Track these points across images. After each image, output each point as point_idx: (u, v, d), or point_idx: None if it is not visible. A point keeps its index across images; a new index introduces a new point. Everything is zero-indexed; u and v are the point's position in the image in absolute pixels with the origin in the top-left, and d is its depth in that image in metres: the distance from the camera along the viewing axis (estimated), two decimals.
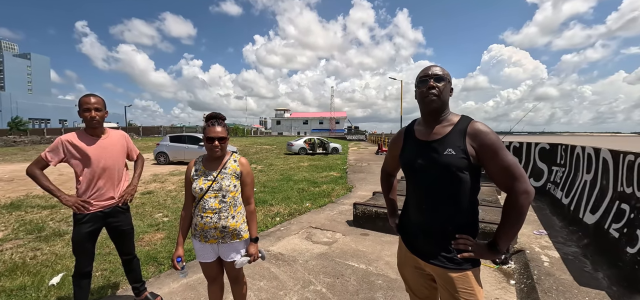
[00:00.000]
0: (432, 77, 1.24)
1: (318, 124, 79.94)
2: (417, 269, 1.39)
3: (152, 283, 2.81)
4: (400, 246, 1.50)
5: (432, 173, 1.24)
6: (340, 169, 11.60)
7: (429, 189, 1.26)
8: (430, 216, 1.27)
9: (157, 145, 13.74)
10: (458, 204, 1.23)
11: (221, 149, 1.74)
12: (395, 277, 2.90)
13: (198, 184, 1.75)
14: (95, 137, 2.07)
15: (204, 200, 1.74)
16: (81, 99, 1.99)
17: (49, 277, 2.94)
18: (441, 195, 1.24)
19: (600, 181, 3.95)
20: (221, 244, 1.80)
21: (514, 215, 1.17)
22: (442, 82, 1.24)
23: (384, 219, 4.20)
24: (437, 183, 1.23)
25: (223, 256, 1.85)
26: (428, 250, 1.29)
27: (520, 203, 1.14)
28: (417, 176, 1.30)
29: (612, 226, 3.27)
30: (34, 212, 5.40)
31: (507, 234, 1.20)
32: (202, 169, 1.80)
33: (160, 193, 7.08)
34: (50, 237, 4.09)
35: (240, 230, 1.82)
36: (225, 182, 1.75)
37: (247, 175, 1.85)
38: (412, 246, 1.38)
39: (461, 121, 1.25)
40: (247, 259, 1.83)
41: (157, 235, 4.17)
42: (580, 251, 3.44)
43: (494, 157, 1.16)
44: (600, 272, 2.95)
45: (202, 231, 1.77)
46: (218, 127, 1.73)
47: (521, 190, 1.14)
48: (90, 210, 2.04)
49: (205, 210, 1.74)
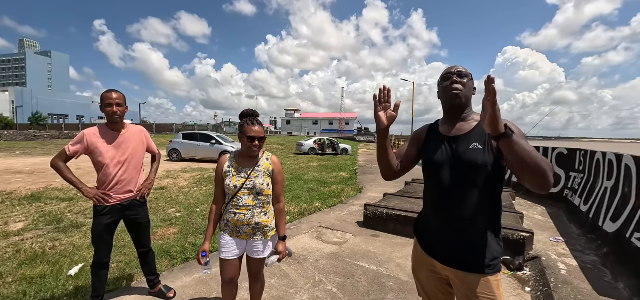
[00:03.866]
0: (455, 73, 1.24)
1: (328, 124, 79.90)
2: (433, 273, 1.34)
3: (165, 277, 2.87)
4: (415, 249, 1.45)
5: (458, 168, 1.20)
6: (350, 170, 11.56)
7: (452, 186, 1.21)
8: (452, 216, 1.22)
9: (170, 143, 14.02)
10: (482, 203, 1.18)
11: (259, 149, 1.76)
12: (407, 280, 2.87)
13: (232, 181, 1.75)
14: (115, 132, 2.13)
15: (237, 197, 1.75)
16: (103, 94, 2.05)
17: (67, 267, 3.04)
18: (465, 192, 1.19)
19: (622, 188, 3.81)
20: (252, 240, 1.81)
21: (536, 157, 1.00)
22: (465, 78, 1.24)
23: (395, 221, 4.16)
24: (462, 179, 1.19)
25: (251, 253, 1.85)
26: (448, 253, 1.24)
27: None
28: (441, 172, 1.24)
29: (634, 235, 3.14)
30: (54, 204, 5.58)
31: (524, 146, 1.00)
32: (235, 166, 1.79)
33: (173, 189, 7.21)
34: (69, 228, 4.23)
35: (271, 227, 1.83)
36: (258, 180, 1.76)
37: (279, 173, 1.85)
38: (430, 248, 1.32)
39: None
40: (277, 257, 1.84)
41: (171, 230, 4.25)
42: (600, 260, 3.33)
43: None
44: (621, 282, 2.84)
45: (235, 227, 1.79)
46: (256, 127, 1.73)
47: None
48: (110, 202, 2.10)
49: (239, 207, 1.75)
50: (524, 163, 1.00)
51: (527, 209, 5.43)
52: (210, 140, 13.62)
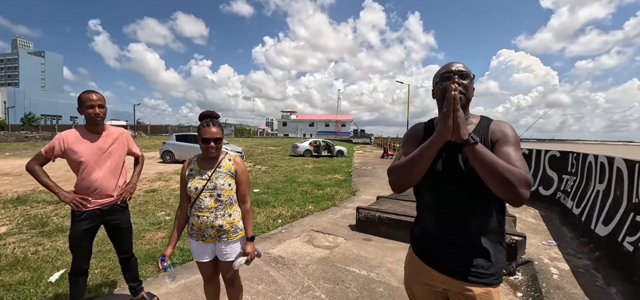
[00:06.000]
0: (456, 73, 1.14)
1: (324, 126, 79.94)
2: (428, 285, 1.26)
3: (150, 283, 2.78)
4: (411, 260, 1.34)
5: (460, 174, 1.12)
6: (344, 172, 11.51)
7: (455, 192, 1.14)
8: (455, 224, 1.15)
9: (163, 144, 13.87)
10: (484, 209, 1.13)
11: (216, 149, 1.73)
12: (397, 285, 2.82)
13: (193, 183, 1.75)
14: (95, 134, 2.05)
15: (199, 199, 1.74)
16: (82, 95, 1.97)
17: (48, 273, 2.94)
18: (467, 198, 1.12)
19: (613, 191, 3.80)
20: (218, 243, 1.79)
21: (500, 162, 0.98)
22: (467, 79, 1.15)
23: (387, 225, 4.12)
24: (465, 185, 1.12)
25: (219, 255, 1.83)
26: (451, 264, 1.17)
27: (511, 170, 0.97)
28: (442, 178, 1.16)
29: (626, 239, 3.12)
30: (39, 207, 5.45)
31: (490, 156, 0.98)
32: (196, 168, 1.79)
33: (164, 191, 7.10)
34: (53, 232, 4.11)
35: (237, 229, 1.81)
36: (219, 181, 1.74)
37: (242, 173, 1.83)
38: (430, 259, 1.24)
39: (483, 120, 1.20)
40: (244, 258, 1.81)
41: (159, 234, 4.15)
42: (592, 264, 3.30)
43: (503, 143, 1.08)
44: (613, 287, 2.82)
45: (199, 230, 1.77)
46: (213, 128, 1.71)
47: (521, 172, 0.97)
48: (89, 207, 2.02)
49: (201, 209, 1.74)
50: (488, 173, 0.98)
51: (520, 211, 5.41)
52: None
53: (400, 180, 1.16)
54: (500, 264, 1.16)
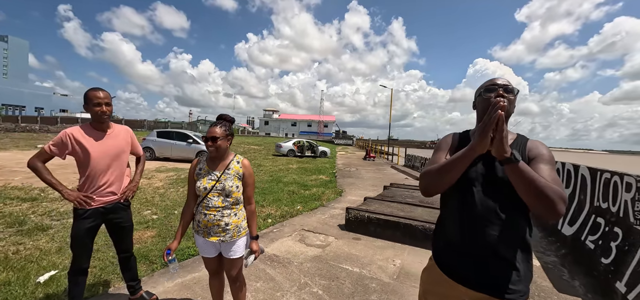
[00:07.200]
0: (501, 86, 1.15)
1: (306, 126, 79.93)
2: (448, 299, 1.24)
3: (145, 282, 2.77)
4: (431, 272, 1.31)
5: (495, 187, 1.12)
6: (329, 173, 11.68)
7: (488, 205, 1.12)
8: (484, 233, 1.12)
9: (143, 140, 13.39)
10: (518, 225, 1.12)
11: (215, 149, 1.80)
12: (389, 281, 2.99)
13: (202, 183, 1.82)
14: (101, 132, 2.05)
15: (207, 198, 1.81)
16: (89, 93, 1.97)
17: (34, 273, 2.85)
18: (502, 213, 1.11)
19: (578, 196, 4.21)
20: (222, 241, 1.86)
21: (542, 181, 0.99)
22: (511, 94, 1.15)
23: (376, 224, 4.30)
24: (500, 198, 1.11)
25: (224, 252, 1.91)
26: (481, 278, 1.14)
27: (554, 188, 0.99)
28: (475, 189, 1.14)
29: (588, 238, 3.50)
30: (13, 204, 5.16)
31: (530, 174, 0.99)
32: (206, 169, 1.86)
33: (147, 190, 6.92)
34: (33, 231, 3.94)
35: (241, 227, 1.89)
36: (228, 183, 1.81)
37: (249, 176, 1.91)
38: (455, 273, 1.20)
39: (519, 138, 1.23)
40: (254, 256, 1.91)
41: (147, 233, 4.10)
42: (559, 260, 3.66)
43: (540, 161, 1.11)
44: (577, 280, 3.16)
45: (205, 228, 1.84)
46: (216, 128, 1.80)
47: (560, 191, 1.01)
48: (92, 205, 2.02)
49: (208, 208, 1.81)
50: (528, 190, 0.99)
51: None
52: (187, 139, 13.17)
53: (429, 187, 1.17)
54: (529, 278, 1.15)
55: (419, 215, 4.35)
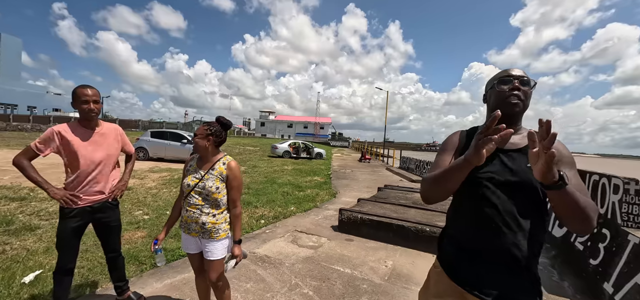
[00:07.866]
0: (516, 78, 1.06)
1: (303, 128, 79.94)
2: None
3: (134, 283, 2.74)
4: (438, 278, 1.21)
5: (511, 187, 1.03)
6: (324, 175, 11.67)
7: (503, 206, 1.03)
8: (500, 239, 1.03)
9: (137, 140, 13.27)
10: (533, 228, 1.03)
11: (197, 147, 1.85)
12: (380, 282, 2.99)
13: (187, 180, 1.88)
14: (89, 130, 2.02)
15: (190, 195, 1.85)
16: (77, 90, 1.94)
17: (20, 273, 2.80)
18: (518, 215, 1.02)
19: None
20: (201, 238, 1.88)
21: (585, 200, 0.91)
22: (527, 87, 1.06)
23: (368, 226, 4.31)
24: (516, 199, 1.02)
25: (204, 253, 1.91)
26: (490, 281, 1.05)
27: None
28: (488, 190, 1.05)
29: (577, 240, 3.53)
30: (1, 204, 5.07)
31: (575, 195, 0.89)
32: (194, 167, 1.91)
33: (140, 190, 6.85)
34: (21, 231, 3.88)
35: (219, 230, 1.86)
36: (208, 183, 1.83)
37: (234, 179, 1.87)
38: (463, 276, 1.11)
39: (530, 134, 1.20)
40: (234, 261, 1.89)
41: (138, 233, 4.05)
42: (549, 262, 3.69)
43: (562, 166, 1.03)
44: (566, 281, 3.19)
45: (185, 224, 1.89)
46: (201, 127, 1.87)
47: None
48: (79, 204, 1.99)
49: (189, 204, 1.86)
50: (572, 213, 0.90)
51: None
52: (181, 140, 13.09)
53: (427, 194, 1.11)
54: (539, 282, 1.08)
55: (412, 217, 4.36)
